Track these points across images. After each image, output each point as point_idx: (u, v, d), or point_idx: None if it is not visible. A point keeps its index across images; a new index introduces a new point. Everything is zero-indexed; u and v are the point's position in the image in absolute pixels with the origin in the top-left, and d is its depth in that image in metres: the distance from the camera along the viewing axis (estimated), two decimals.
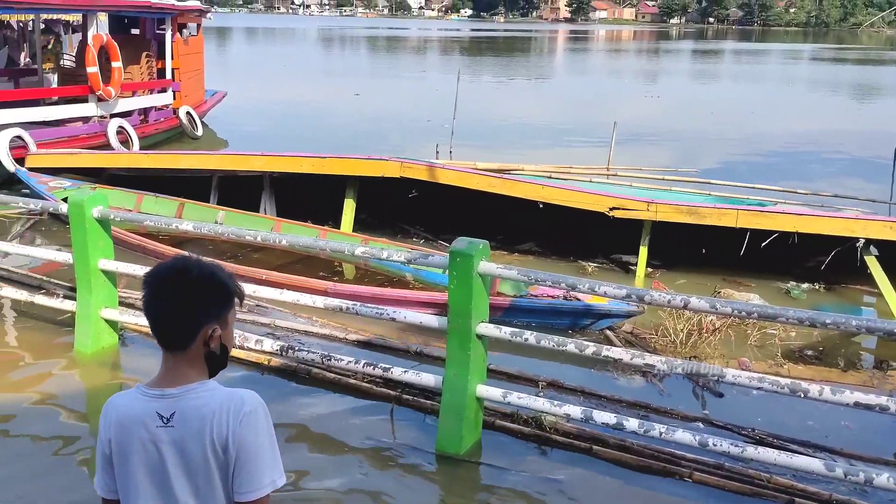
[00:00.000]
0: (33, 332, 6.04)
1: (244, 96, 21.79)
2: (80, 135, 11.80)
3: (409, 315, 4.82)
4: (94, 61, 11.86)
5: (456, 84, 15.22)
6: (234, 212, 8.85)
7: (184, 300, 1.83)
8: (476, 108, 20.36)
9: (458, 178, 8.36)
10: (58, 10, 13.94)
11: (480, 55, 54.38)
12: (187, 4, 15.87)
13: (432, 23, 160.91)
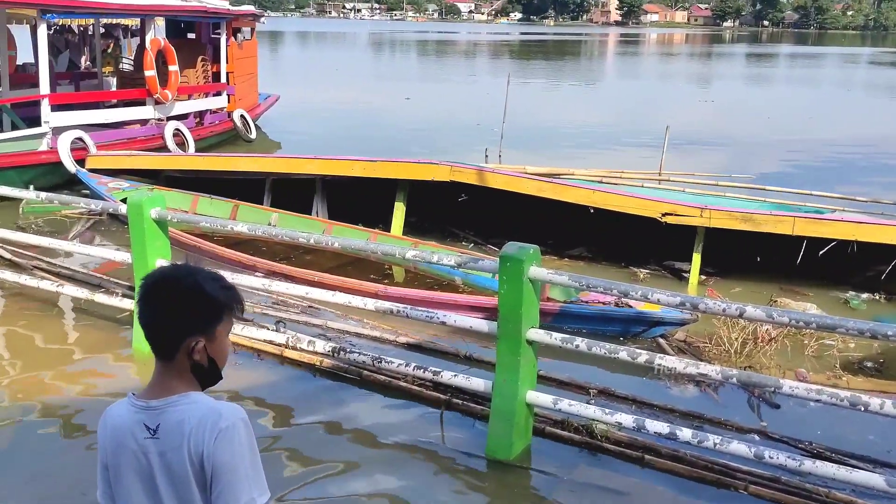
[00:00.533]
0: (93, 329, 6.20)
1: (297, 99, 22.06)
2: (138, 137, 12.08)
3: (458, 319, 4.82)
4: (152, 65, 12.14)
5: (506, 88, 15.22)
6: (287, 214, 8.96)
7: (167, 310, 1.83)
8: (526, 111, 20.29)
9: (507, 183, 8.35)
10: (117, 15, 14.30)
11: (530, 59, 54.23)
12: (242, 9, 16.16)
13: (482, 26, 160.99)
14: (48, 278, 6.79)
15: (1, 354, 5.85)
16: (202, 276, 1.87)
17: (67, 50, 15.91)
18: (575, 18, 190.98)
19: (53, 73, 12.32)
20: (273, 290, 5.72)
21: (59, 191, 9.70)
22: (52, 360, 5.69)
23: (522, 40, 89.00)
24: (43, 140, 10.60)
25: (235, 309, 1.92)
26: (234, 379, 5.39)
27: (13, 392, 5.15)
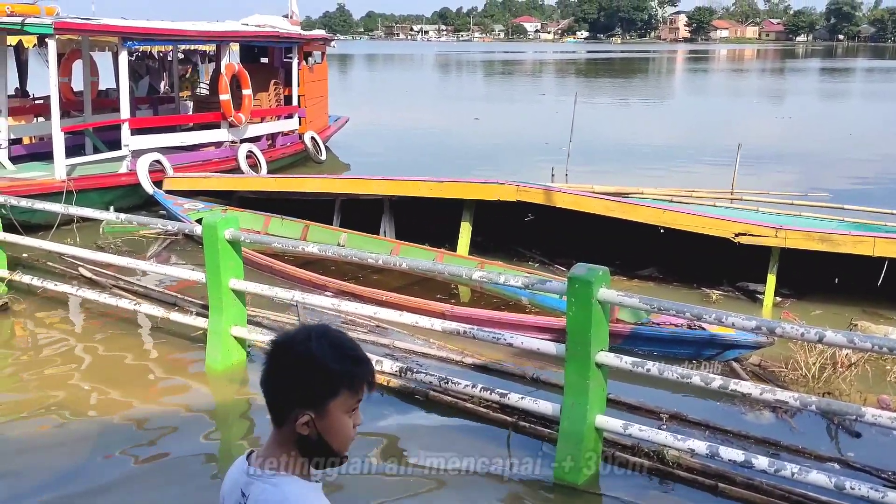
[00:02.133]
0: (168, 346, 6.37)
1: (366, 121, 22.39)
2: (212, 159, 12.42)
3: (526, 341, 4.79)
4: (227, 89, 12.49)
5: (573, 106, 15.16)
6: (355, 234, 9.08)
7: (277, 377, 1.72)
8: (593, 130, 20.16)
9: (574, 202, 8.28)
10: (194, 41, 14.79)
11: (597, 77, 53.91)
12: (313, 34, 16.52)
13: (548, 45, 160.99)
14: (126, 297, 7.02)
15: (80, 370, 6.05)
16: (321, 344, 1.69)
17: (148, 75, 16.51)
18: (642, 36, 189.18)
19: (134, 98, 12.79)
20: (342, 309, 5.80)
21: (137, 211, 10.05)
22: (129, 376, 5.86)
23: (589, 58, 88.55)
24: (123, 163, 11.00)
25: (360, 385, 1.72)
26: None
27: (90, 406, 5.33)
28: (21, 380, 5.86)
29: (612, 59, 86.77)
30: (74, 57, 13.26)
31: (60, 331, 6.87)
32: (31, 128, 13.04)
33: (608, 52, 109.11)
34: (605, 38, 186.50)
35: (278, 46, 15.02)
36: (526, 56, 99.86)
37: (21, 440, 4.88)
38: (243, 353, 5.98)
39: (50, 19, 10.05)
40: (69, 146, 10.67)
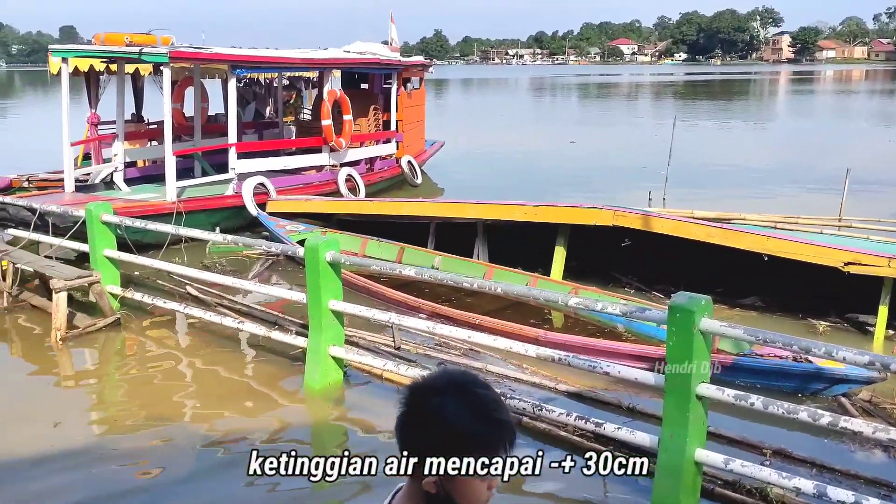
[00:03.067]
0: (268, 364, 6.56)
1: (461, 144, 22.59)
2: (313, 182, 12.78)
3: (623, 370, 4.71)
4: (328, 114, 12.85)
5: (671, 129, 14.90)
6: (449, 257, 9.15)
7: (409, 429, 1.60)
8: (692, 153, 19.73)
9: (673, 228, 8.11)
10: (298, 68, 15.31)
11: (696, 99, 52.77)
12: (412, 60, 16.83)
13: (645, 68, 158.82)
14: (230, 315, 7.28)
15: (185, 384, 6.31)
16: (457, 400, 1.56)
17: (255, 101, 17.16)
18: (743, 57, 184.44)
19: (241, 123, 13.31)
20: (437, 332, 5.84)
21: (240, 232, 10.42)
22: (230, 392, 6.06)
23: (687, 80, 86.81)
24: (229, 186, 11.45)
25: (496, 448, 1.57)
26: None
27: (192, 421, 5.54)
28: (129, 392, 6.16)
29: (711, 80, 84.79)
30: (187, 84, 13.91)
31: (167, 346, 7.18)
32: (145, 151, 13.75)
33: (707, 74, 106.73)
34: (705, 59, 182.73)
35: (378, 73, 15.37)
36: (622, 78, 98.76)
37: (126, 450, 5.11)
38: (340, 373, 6.10)
39: (165, 48, 10.59)
40: (179, 169, 11.18)
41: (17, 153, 20.73)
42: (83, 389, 6.32)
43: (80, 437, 5.22)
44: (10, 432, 5.32)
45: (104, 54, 11.74)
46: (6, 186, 12.22)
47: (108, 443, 5.16)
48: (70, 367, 6.76)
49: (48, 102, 49.83)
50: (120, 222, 7.80)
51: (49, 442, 5.15)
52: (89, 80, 13.81)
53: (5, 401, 5.87)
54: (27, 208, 8.88)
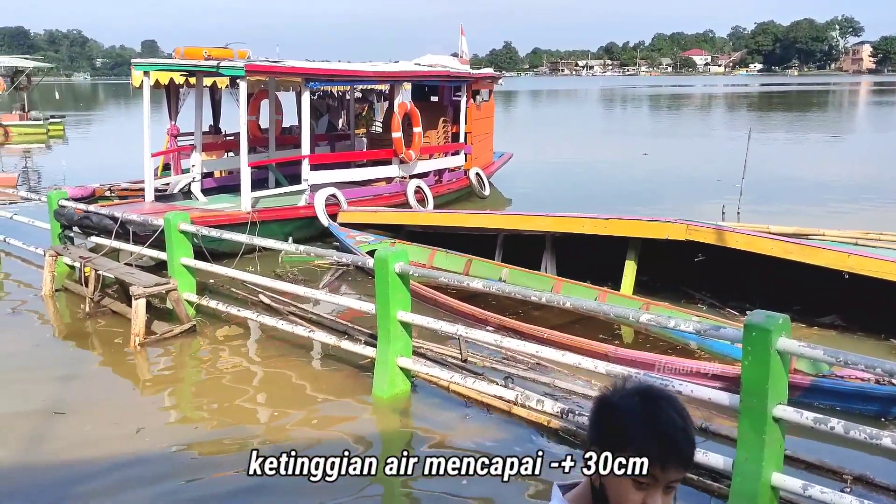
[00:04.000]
0: (337, 373, 6.64)
1: (530, 156, 22.52)
2: (383, 194, 12.92)
3: (696, 389, 4.60)
4: (399, 127, 12.99)
5: (746, 142, 14.56)
6: (516, 269, 9.12)
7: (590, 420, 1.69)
8: (767, 166, 19.23)
9: (749, 243, 7.90)
10: (370, 81, 15.50)
11: (771, 111, 51.47)
12: (482, 72, 16.88)
13: (718, 79, 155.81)
14: (301, 324, 7.40)
15: (256, 391, 6.42)
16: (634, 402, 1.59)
17: (328, 114, 17.47)
18: (822, 68, 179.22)
19: (314, 135, 13.56)
20: (505, 346, 5.82)
21: (311, 242, 10.59)
22: (300, 400, 6.15)
23: (763, 91, 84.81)
24: (302, 197, 11.67)
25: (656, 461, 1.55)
26: (464, 432, 5.52)
27: (264, 428, 5.63)
28: (204, 398, 6.30)
29: (787, 91, 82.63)
30: (262, 96, 14.27)
31: (240, 353, 7.34)
32: (221, 162, 14.14)
33: (784, 85, 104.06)
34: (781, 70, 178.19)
35: (448, 85, 15.46)
36: (695, 90, 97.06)
37: (201, 455, 5.24)
38: (408, 384, 6.13)
39: (242, 62, 10.88)
40: (254, 180, 11.45)
41: (99, 163, 21.59)
42: (161, 394, 6.50)
43: (159, 442, 5.36)
44: (92, 434, 5.51)
45: (184, 68, 12.12)
46: (89, 195, 12.73)
47: (185, 447, 5.29)
48: (148, 371, 6.97)
49: (129, 114, 51.73)
50: (196, 232, 8.02)
51: (128, 445, 5.31)
52: (169, 93, 14.30)
53: (87, 403, 6.08)
54: (109, 217, 9.20)
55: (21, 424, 5.63)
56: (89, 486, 4.80)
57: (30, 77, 34.82)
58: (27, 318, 8.33)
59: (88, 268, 8.31)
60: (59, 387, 6.41)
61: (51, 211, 9.84)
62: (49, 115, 34.67)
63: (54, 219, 9.81)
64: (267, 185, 12.72)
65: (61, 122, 34.63)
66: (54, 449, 5.28)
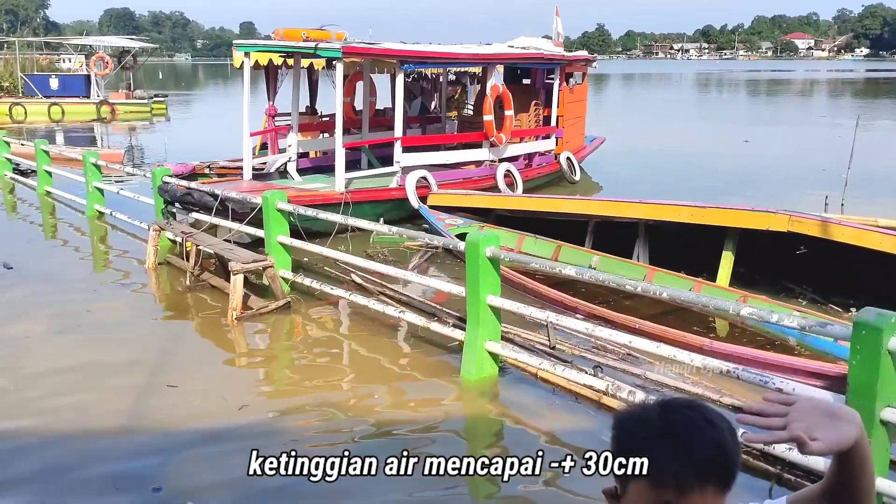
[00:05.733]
0: (425, 354, 6.70)
1: (622, 142, 22.09)
2: (473, 177, 12.91)
3: (798, 387, 4.44)
4: (490, 110, 12.93)
5: (854, 130, 13.90)
6: (607, 257, 8.98)
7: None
8: (874, 156, 18.29)
9: (856, 237, 7.56)
10: (463, 64, 15.50)
11: (878, 98, 48.98)
12: (576, 55, 16.64)
13: (821, 63, 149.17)
14: (391, 304, 7.49)
15: (347, 369, 6.55)
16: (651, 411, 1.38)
17: (421, 96, 17.55)
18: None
19: (406, 117, 13.64)
20: (596, 334, 5.75)
21: (401, 224, 10.69)
22: (388, 379, 6.23)
23: (869, 77, 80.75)
24: (393, 178, 11.78)
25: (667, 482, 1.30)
26: (551, 420, 5.49)
27: (354, 407, 5.72)
28: (297, 374, 6.48)
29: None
30: (357, 78, 14.43)
31: (332, 331, 7.50)
32: (317, 143, 14.40)
33: (892, 71, 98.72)
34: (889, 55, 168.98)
35: (542, 68, 15.29)
36: (796, 75, 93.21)
37: (291, 430, 5.38)
38: (496, 368, 6.14)
39: (339, 44, 11.02)
40: (347, 161, 11.61)
41: (199, 141, 22.34)
42: (256, 368, 6.71)
43: (255, 416, 5.52)
44: (197, 407, 5.73)
45: (282, 49, 12.38)
46: (189, 173, 13.18)
47: (276, 422, 5.44)
48: (244, 345, 7.20)
49: (228, 94, 53.32)
50: (293, 210, 8.21)
51: (229, 418, 5.49)
52: (268, 74, 14.62)
53: (188, 374, 6.32)
54: (210, 194, 9.51)
55: (126, 392, 5.90)
56: (192, 453, 5.00)
57: (135, 57, 36.26)
58: (132, 289, 8.72)
59: (189, 243, 8.62)
60: (161, 355, 6.68)
61: (155, 187, 10.24)
62: (153, 94, 36.07)
63: (158, 194, 10.21)
64: (360, 166, 12.89)
65: (164, 101, 35.96)
66: (159, 418, 5.50)
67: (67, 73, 36.08)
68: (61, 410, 5.58)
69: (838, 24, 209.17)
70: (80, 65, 36.99)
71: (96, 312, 7.77)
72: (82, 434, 5.23)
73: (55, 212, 13.09)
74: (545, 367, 5.86)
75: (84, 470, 4.79)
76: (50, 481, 4.65)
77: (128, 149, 22.29)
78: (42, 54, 43.04)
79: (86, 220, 12.11)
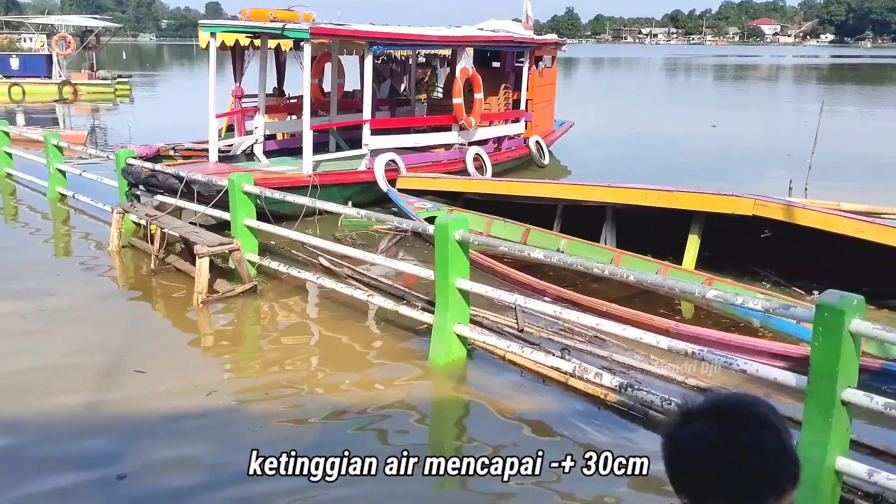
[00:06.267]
0: (393, 338, 6.68)
1: (590, 126, 22.17)
2: (442, 160, 12.86)
3: (761, 369, 4.50)
4: (460, 93, 12.87)
5: (818, 116, 14.08)
6: (575, 240, 9.02)
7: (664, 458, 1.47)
8: (838, 142, 18.56)
9: (819, 220, 7.66)
10: (433, 46, 15.36)
11: (842, 84, 49.66)
12: (546, 38, 16.60)
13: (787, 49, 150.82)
14: (360, 287, 7.46)
15: (314, 353, 6.51)
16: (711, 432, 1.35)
17: (390, 78, 17.41)
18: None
19: (375, 99, 13.53)
20: (563, 317, 5.77)
21: (369, 207, 10.61)
22: (356, 363, 6.21)
23: (833, 64, 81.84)
24: (362, 161, 11.70)
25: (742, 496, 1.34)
26: (519, 402, 5.52)
27: (322, 390, 5.69)
28: (263, 358, 6.43)
29: (860, 64, 79.54)
30: (325, 60, 14.27)
31: (300, 315, 7.45)
32: (284, 125, 14.25)
33: (856, 57, 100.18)
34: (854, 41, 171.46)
35: (511, 51, 15.24)
36: (762, 60, 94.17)
37: (257, 413, 5.34)
38: (464, 351, 6.15)
39: (307, 25, 10.88)
40: (315, 143, 11.50)
41: (163, 123, 21.99)
42: (221, 351, 6.64)
43: (218, 399, 5.47)
44: (159, 389, 5.66)
45: (249, 29, 12.19)
46: (154, 154, 12.96)
47: (242, 406, 5.40)
48: (209, 328, 7.13)
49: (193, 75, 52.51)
50: (260, 193, 8.12)
51: (193, 402, 5.44)
52: (235, 55, 14.41)
53: (152, 358, 6.24)
54: (175, 176, 9.37)
55: (89, 375, 5.81)
56: (158, 439, 4.93)
57: (98, 37, 35.52)
58: (95, 273, 8.57)
59: (154, 226, 8.50)
60: (126, 339, 6.59)
61: (118, 169, 10.07)
62: (116, 75, 35.42)
63: (122, 177, 10.04)
64: (328, 148, 12.78)
65: (128, 82, 35.34)
66: (124, 403, 5.42)
67: (28, 53, 35.24)
68: (23, 393, 5.49)
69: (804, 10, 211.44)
70: (41, 44, 36.17)
71: (59, 296, 7.64)
72: (45, 416, 5.16)
73: (15, 194, 12.81)
74: (513, 350, 5.88)
75: (44, 450, 4.73)
76: (7, 460, 4.58)
77: (91, 130, 21.90)
78: (2, 33, 41.98)
79: (47, 203, 11.87)
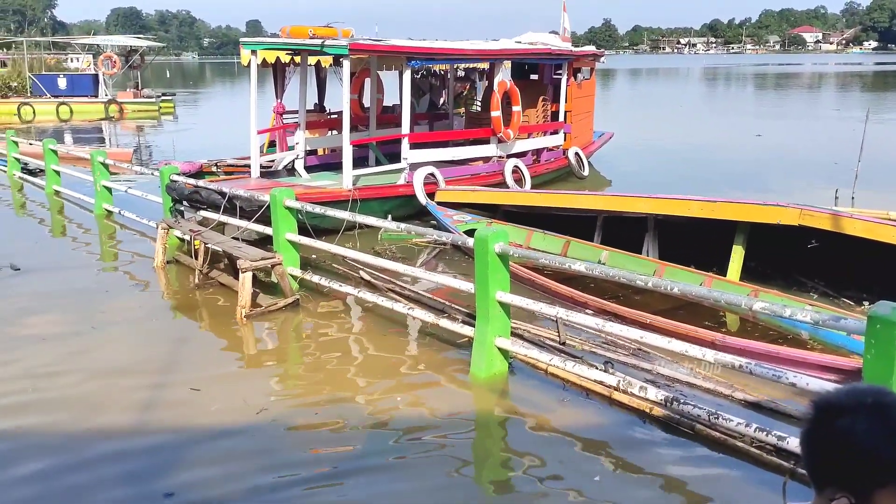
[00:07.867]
0: (434, 351, 6.67)
1: (630, 136, 22.00)
2: (480, 173, 12.87)
3: (812, 382, 4.40)
4: (498, 106, 12.88)
5: (864, 124, 13.81)
6: (617, 252, 8.94)
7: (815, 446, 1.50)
8: (885, 150, 18.17)
9: (868, 230, 7.49)
10: (470, 60, 15.47)
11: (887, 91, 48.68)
12: (584, 50, 16.56)
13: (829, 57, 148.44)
14: (400, 301, 7.47)
15: (357, 366, 6.51)
16: (872, 422, 1.40)
17: (429, 92, 17.50)
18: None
19: (414, 113, 13.61)
20: (606, 330, 5.71)
21: (409, 220, 10.65)
22: (399, 377, 6.19)
23: (878, 71, 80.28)
24: (401, 175, 11.76)
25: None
26: (562, 416, 5.45)
27: (364, 404, 5.70)
28: (307, 371, 6.45)
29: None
30: (364, 75, 14.41)
31: (341, 328, 7.47)
32: (325, 140, 14.39)
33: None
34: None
35: (549, 63, 15.22)
36: (804, 69, 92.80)
37: (302, 428, 5.36)
38: (505, 364, 6.11)
39: (346, 41, 10.99)
40: (355, 158, 11.59)
41: (207, 140, 22.36)
42: (268, 367, 6.68)
43: (267, 417, 5.47)
44: (198, 403, 5.72)
45: (289, 46, 12.36)
46: (197, 171, 13.18)
47: (291, 424, 5.40)
48: (253, 343, 7.19)
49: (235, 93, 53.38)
50: (301, 208, 8.19)
51: (239, 420, 5.46)
52: (276, 72, 14.62)
53: (200, 374, 6.30)
54: (218, 192, 9.50)
55: (139, 392, 5.88)
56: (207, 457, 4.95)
57: (143, 56, 36.34)
58: (141, 288, 8.72)
59: (198, 241, 8.62)
60: (173, 355, 6.67)
61: (163, 185, 10.25)
62: (161, 93, 36.15)
63: (166, 193, 10.21)
64: (368, 163, 12.87)
65: (172, 100, 36.05)
66: (174, 420, 5.47)
67: (75, 73, 36.21)
68: (75, 410, 5.58)
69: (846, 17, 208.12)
70: (87, 64, 37.15)
71: (109, 313, 7.76)
72: (95, 433, 5.23)
73: (63, 211, 13.13)
74: (555, 363, 5.83)
75: (93, 466, 4.79)
76: (57, 479, 4.65)
77: (136, 147, 22.34)
78: (50, 54, 43.20)
79: (94, 219, 12.13)
